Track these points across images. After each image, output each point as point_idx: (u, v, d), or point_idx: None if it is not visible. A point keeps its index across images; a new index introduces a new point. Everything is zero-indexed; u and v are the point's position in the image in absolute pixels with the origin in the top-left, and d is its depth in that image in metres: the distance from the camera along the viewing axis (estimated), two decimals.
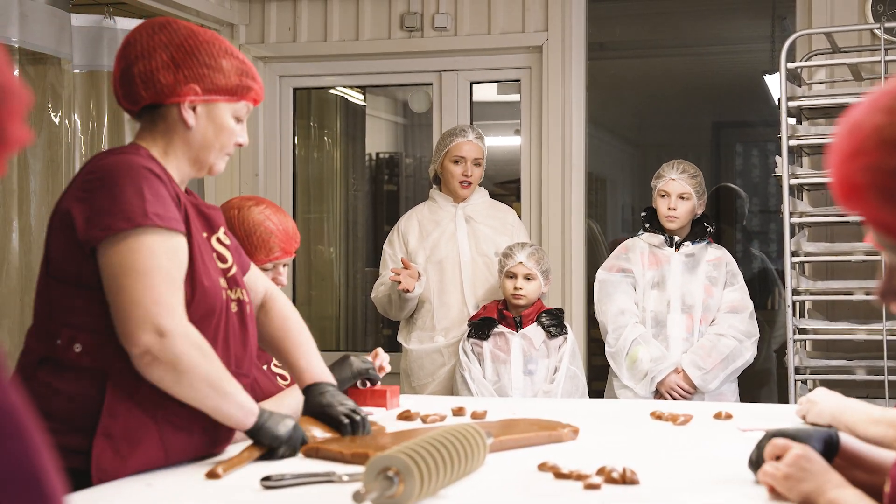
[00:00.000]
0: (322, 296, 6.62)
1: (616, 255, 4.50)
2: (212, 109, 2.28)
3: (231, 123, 2.31)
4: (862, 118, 1.27)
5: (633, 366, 4.30)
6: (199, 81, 2.25)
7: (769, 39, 7.12)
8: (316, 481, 2.10)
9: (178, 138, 2.29)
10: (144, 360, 2.09)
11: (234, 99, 2.29)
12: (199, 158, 2.32)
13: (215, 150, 2.31)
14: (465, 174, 4.55)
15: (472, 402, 3.30)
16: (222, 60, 2.26)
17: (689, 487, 2.08)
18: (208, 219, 2.37)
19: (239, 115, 2.32)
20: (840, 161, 1.29)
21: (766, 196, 9.04)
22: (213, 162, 2.34)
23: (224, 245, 2.39)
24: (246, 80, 2.29)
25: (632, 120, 8.95)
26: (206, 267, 2.25)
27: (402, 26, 5.48)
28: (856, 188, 1.27)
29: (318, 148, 6.56)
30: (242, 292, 2.38)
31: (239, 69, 2.28)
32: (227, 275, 2.35)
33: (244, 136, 2.37)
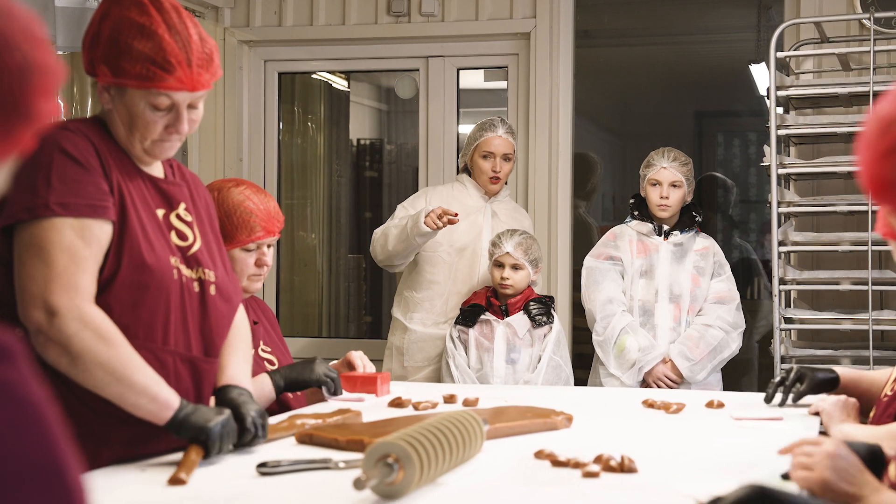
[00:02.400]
0: (305, 282, 6.59)
1: (604, 242, 4.49)
2: (123, 94, 2.17)
3: (144, 111, 2.15)
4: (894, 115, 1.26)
5: (621, 355, 4.29)
6: (107, 63, 2.15)
7: (755, 29, 7.13)
8: (312, 468, 2.09)
9: (109, 116, 2.23)
10: (38, 340, 2.02)
11: (141, 86, 2.13)
12: (127, 141, 2.21)
13: (137, 137, 2.19)
14: (495, 170, 4.48)
15: (463, 390, 3.29)
16: (135, 43, 2.11)
17: (686, 475, 2.08)
18: (166, 195, 2.29)
19: (156, 102, 2.14)
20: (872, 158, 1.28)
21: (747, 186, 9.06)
22: (144, 147, 2.21)
23: (185, 222, 2.31)
24: (154, 68, 2.11)
25: (615, 108, 8.95)
26: (150, 244, 2.17)
27: (388, 11, 5.45)
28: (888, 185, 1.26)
29: (302, 133, 6.52)
30: (206, 272, 2.29)
31: (150, 56, 2.11)
32: (186, 253, 2.27)
33: (179, 125, 2.19)
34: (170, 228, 2.26)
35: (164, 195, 2.28)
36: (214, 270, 2.32)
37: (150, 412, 2.10)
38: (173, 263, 2.20)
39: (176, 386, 2.18)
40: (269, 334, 3.14)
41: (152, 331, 2.17)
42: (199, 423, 2.10)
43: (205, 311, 2.28)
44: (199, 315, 2.27)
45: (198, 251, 2.30)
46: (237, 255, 2.93)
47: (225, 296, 2.34)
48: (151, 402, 2.09)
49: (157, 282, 2.15)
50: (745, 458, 2.24)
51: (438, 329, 4.44)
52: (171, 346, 2.20)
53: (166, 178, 2.32)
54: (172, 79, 2.13)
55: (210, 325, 2.29)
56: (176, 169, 2.39)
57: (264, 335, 3.11)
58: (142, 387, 2.07)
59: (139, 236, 2.15)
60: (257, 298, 3.23)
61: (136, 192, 2.20)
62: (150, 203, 2.23)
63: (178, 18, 2.17)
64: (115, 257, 2.12)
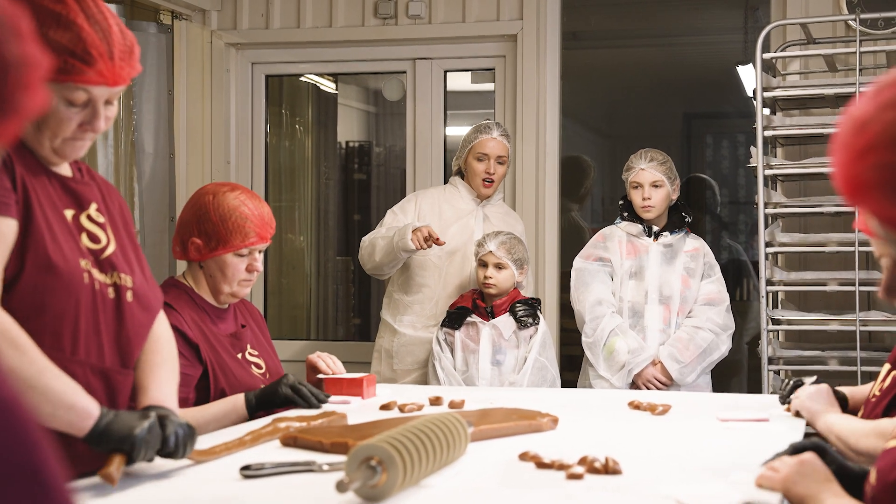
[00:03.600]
0: (293, 284, 6.58)
1: (593, 243, 4.48)
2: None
3: (58, 107, 1.97)
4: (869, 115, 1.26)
5: (611, 357, 4.29)
6: None
7: (742, 30, 7.14)
8: (296, 470, 2.08)
9: None
10: None
11: (57, 79, 1.94)
12: (35, 140, 2.04)
13: (47, 135, 2.02)
14: (489, 172, 4.47)
15: (449, 392, 3.28)
16: (49, 32, 1.92)
17: (670, 477, 2.08)
18: (76, 194, 2.13)
19: (72, 98, 1.98)
20: (848, 159, 1.28)
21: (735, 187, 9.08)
22: (53, 146, 2.04)
23: (97, 223, 2.15)
24: (72, 60, 1.94)
25: (603, 110, 8.96)
26: (57, 244, 2.01)
27: (375, 13, 5.44)
28: (865, 185, 1.26)
29: (290, 136, 6.51)
30: (122, 276, 2.14)
31: (66, 47, 1.93)
32: (99, 256, 2.12)
33: (96, 122, 2.02)
34: (80, 230, 2.10)
35: (73, 195, 2.12)
36: (132, 275, 2.17)
37: (68, 423, 1.92)
38: (83, 266, 2.05)
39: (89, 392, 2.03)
40: (256, 337, 3.14)
41: (59, 339, 2.02)
42: (123, 432, 1.94)
43: (121, 318, 2.13)
44: (115, 323, 2.11)
45: (112, 254, 2.15)
46: (229, 260, 2.92)
47: (143, 303, 2.20)
48: (69, 411, 1.91)
49: (65, 285, 2.00)
50: (731, 459, 2.24)
51: (428, 332, 4.42)
52: (82, 357, 2.05)
53: (74, 178, 2.15)
54: (93, 72, 1.96)
55: (127, 334, 2.14)
56: (85, 171, 2.22)
57: (252, 338, 3.10)
58: (58, 395, 1.89)
59: (45, 235, 1.99)
60: (245, 301, 3.22)
61: (41, 191, 2.04)
62: (57, 203, 2.07)
63: (96, 8, 2.00)
64: (17, 257, 1.96)
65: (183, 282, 2.99)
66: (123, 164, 5.15)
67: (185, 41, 5.52)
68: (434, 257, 4.46)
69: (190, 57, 5.55)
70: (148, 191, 5.32)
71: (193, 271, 2.99)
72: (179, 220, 3.01)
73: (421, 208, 4.50)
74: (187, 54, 5.54)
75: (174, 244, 3.00)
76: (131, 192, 5.20)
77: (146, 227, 5.28)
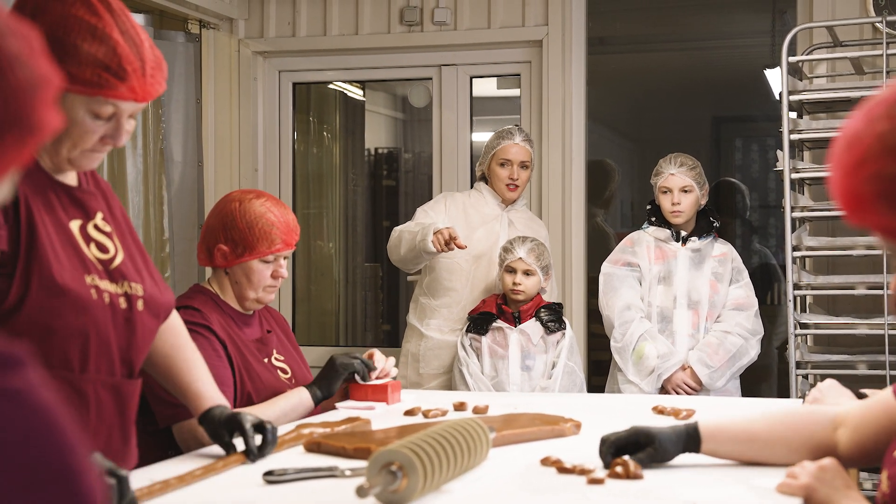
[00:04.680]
0: (321, 291, 6.61)
1: (621, 248, 4.48)
2: (61, 98, 1.92)
3: (83, 118, 1.96)
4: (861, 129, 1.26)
5: (640, 362, 4.28)
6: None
7: (769, 34, 7.11)
8: (318, 476, 2.10)
9: None
10: None
11: (86, 92, 1.93)
12: (52, 149, 2.02)
13: (66, 146, 2.00)
14: (512, 177, 4.48)
15: (473, 397, 3.29)
16: (83, 45, 1.91)
17: (692, 482, 2.07)
18: (82, 204, 2.10)
19: (99, 111, 1.96)
20: (843, 174, 1.28)
21: (765, 191, 9.04)
22: (69, 157, 2.02)
23: (104, 233, 2.13)
24: (106, 75, 1.93)
25: (631, 115, 8.94)
26: (61, 264, 1.98)
27: (401, 21, 5.47)
28: (863, 199, 1.26)
29: (318, 143, 6.54)
30: (132, 285, 2.12)
31: (102, 61, 1.92)
32: (108, 266, 2.09)
33: (118, 136, 2.01)
34: (88, 240, 2.08)
35: (79, 205, 2.10)
36: (142, 283, 2.16)
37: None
38: (89, 282, 2.02)
39: (97, 415, 2.05)
40: (282, 343, 3.15)
41: (68, 358, 1.99)
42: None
43: (131, 328, 2.11)
44: (125, 334, 2.10)
45: (121, 263, 2.13)
46: (255, 267, 2.95)
47: (153, 311, 2.18)
48: None
49: (72, 305, 1.97)
50: (752, 465, 2.23)
51: (455, 336, 4.43)
52: (92, 373, 2.03)
53: (80, 187, 2.13)
54: (124, 87, 1.95)
55: (136, 344, 2.13)
56: (89, 177, 2.18)
57: (277, 344, 3.12)
58: None
59: (50, 257, 1.96)
60: (270, 308, 3.24)
61: (45, 206, 2.01)
62: (62, 216, 2.05)
63: (129, 22, 1.99)
64: (22, 281, 1.93)
65: (208, 288, 3.02)
66: (152, 173, 5.20)
67: (212, 50, 5.57)
68: (462, 261, 4.47)
69: (218, 65, 5.59)
70: (177, 199, 5.37)
71: (219, 277, 3.01)
72: (205, 226, 3.03)
73: (449, 210, 4.52)
74: (215, 63, 5.58)
75: (199, 251, 3.03)
76: (160, 199, 5.25)
77: (175, 234, 5.33)
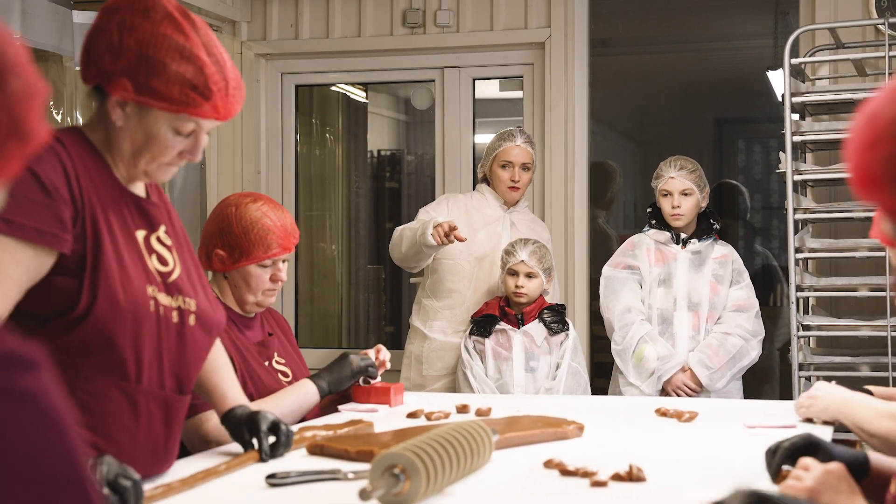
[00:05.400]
0: (324, 293, 6.62)
1: (622, 251, 4.48)
2: (144, 113, 2.01)
3: (165, 134, 2.02)
4: (881, 107, 1.25)
5: (640, 364, 4.28)
6: (133, 78, 1.98)
7: (772, 35, 7.11)
8: (321, 479, 2.10)
9: (113, 131, 2.05)
10: None
11: (171, 110, 1.99)
12: (130, 161, 2.07)
13: (145, 159, 2.05)
14: (513, 179, 4.49)
15: (476, 400, 3.29)
16: (172, 64, 1.97)
17: (695, 485, 2.08)
18: (148, 216, 2.15)
19: (182, 128, 2.02)
20: (858, 150, 1.27)
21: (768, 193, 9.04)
22: (147, 169, 2.07)
23: (165, 245, 2.17)
24: (193, 94, 1.98)
25: (634, 116, 8.94)
26: (126, 275, 2.02)
27: (404, 23, 5.47)
28: (874, 178, 1.25)
29: (320, 145, 6.55)
30: (187, 300, 2.15)
31: (189, 81, 1.98)
32: (167, 279, 2.12)
33: (196, 151, 2.07)
34: (150, 252, 2.12)
35: (145, 216, 2.14)
36: (196, 298, 2.18)
37: None
38: (150, 293, 2.05)
39: (147, 426, 2.08)
40: (283, 346, 3.16)
41: (125, 369, 2.03)
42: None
43: (182, 343, 2.13)
44: (177, 348, 2.12)
45: (178, 278, 2.16)
46: (253, 271, 2.95)
47: (206, 326, 2.20)
48: None
49: (132, 315, 2.00)
50: (757, 467, 2.23)
51: (458, 337, 4.43)
52: (145, 385, 2.06)
53: (148, 198, 2.18)
54: (209, 106, 2.01)
55: (187, 359, 2.16)
56: (154, 189, 2.24)
57: (279, 346, 3.12)
58: None
59: (114, 268, 2.00)
60: (272, 310, 3.24)
61: (115, 216, 2.05)
62: (130, 226, 2.09)
63: (213, 41, 2.05)
64: (89, 291, 1.97)
65: None
66: None
67: None
68: (464, 262, 4.47)
69: None
70: (179, 201, 5.37)
71: (218, 281, 3.01)
72: (204, 231, 3.03)
73: (452, 211, 4.52)
74: None
75: (199, 255, 3.03)
76: None
77: None
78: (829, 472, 1.84)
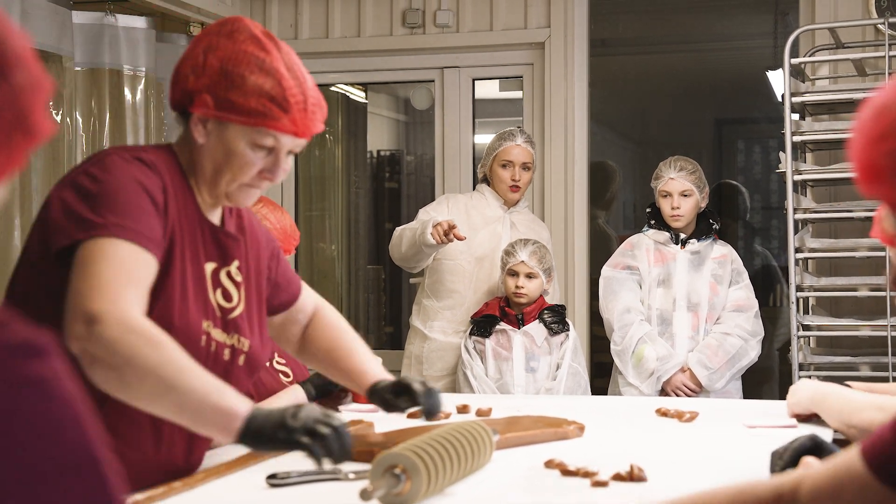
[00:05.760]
0: (324, 293, 6.48)
1: (621, 251, 4.48)
2: (223, 129, 2.00)
3: (244, 150, 2.00)
4: (888, 102, 1.25)
5: (639, 364, 4.29)
6: (213, 94, 1.98)
7: (772, 35, 7.11)
8: (322, 479, 2.09)
9: (196, 152, 2.05)
10: (85, 360, 1.75)
11: (249, 122, 1.98)
12: (211, 181, 2.06)
13: (226, 178, 2.03)
14: (514, 178, 4.49)
15: (476, 400, 3.28)
16: (251, 77, 1.97)
17: (696, 484, 2.07)
18: (223, 248, 2.12)
19: (260, 142, 2.00)
20: (864, 144, 1.27)
21: (768, 193, 9.04)
22: (228, 191, 2.05)
23: (234, 282, 2.13)
24: (270, 105, 1.96)
25: (634, 117, 8.94)
26: (185, 303, 1.98)
27: (403, 23, 5.47)
28: (879, 171, 1.25)
29: (320, 145, 6.54)
30: (242, 340, 2.11)
31: (268, 92, 1.96)
32: (227, 315, 2.09)
33: (276, 171, 2.04)
34: (217, 286, 2.08)
35: (220, 248, 2.11)
36: (251, 339, 2.14)
37: (215, 425, 1.79)
38: (205, 328, 2.02)
39: (167, 452, 2.04)
40: None
41: None
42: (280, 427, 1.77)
43: (226, 381, 1.95)
44: None
45: (238, 316, 2.12)
46: None
47: (252, 367, 2.16)
48: (214, 413, 1.77)
49: (182, 345, 1.87)
50: (758, 467, 2.22)
51: (458, 338, 4.43)
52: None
53: (224, 227, 2.14)
54: (287, 119, 1.98)
55: None
56: (235, 216, 2.20)
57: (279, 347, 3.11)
58: (200, 395, 1.76)
59: (176, 293, 1.97)
60: None
61: (189, 241, 2.04)
62: (201, 255, 2.06)
63: (294, 60, 2.04)
64: (151, 310, 1.91)
65: None
66: None
67: None
68: (464, 262, 4.47)
69: None
70: None
71: None
72: None
73: (452, 211, 4.52)
74: None
75: None
76: None
77: None
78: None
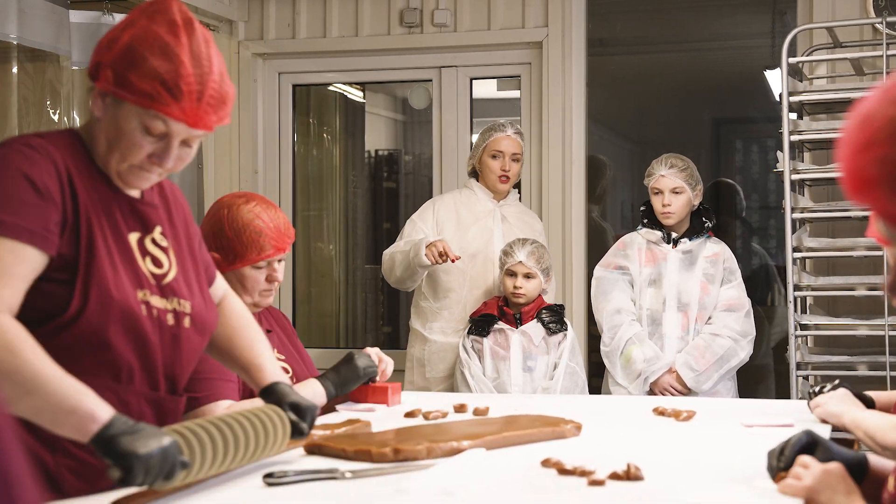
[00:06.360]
0: (322, 293, 6.61)
1: (614, 251, 4.48)
2: (119, 106, 2.00)
3: (133, 131, 1.99)
4: (874, 110, 1.25)
5: (627, 365, 4.28)
6: (115, 70, 1.98)
7: (769, 35, 7.10)
8: (319, 478, 2.09)
9: (94, 125, 2.06)
10: None
11: (139, 103, 1.97)
12: (104, 158, 2.05)
13: (115, 156, 2.03)
14: (504, 169, 4.51)
15: (474, 399, 3.29)
16: (151, 59, 1.96)
17: (693, 484, 2.07)
18: (142, 217, 2.14)
19: (150, 125, 1.99)
20: (851, 153, 1.27)
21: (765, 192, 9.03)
22: (119, 170, 2.05)
23: (160, 247, 2.16)
24: (161, 90, 1.96)
25: (631, 116, 8.93)
26: (118, 279, 2.01)
27: (401, 22, 5.47)
28: (867, 180, 1.25)
29: (318, 145, 6.54)
30: (182, 302, 2.15)
31: (161, 76, 1.96)
32: (161, 281, 2.12)
33: (165, 157, 2.03)
34: (144, 254, 2.11)
35: (139, 218, 2.13)
36: (191, 300, 2.18)
37: (71, 427, 1.80)
38: (141, 297, 2.05)
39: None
40: (282, 342, 3.14)
41: (118, 371, 2.03)
42: (127, 448, 1.77)
43: (177, 345, 2.13)
44: (171, 350, 2.12)
45: (173, 280, 2.15)
46: (248, 273, 2.92)
47: (200, 328, 2.20)
48: (70, 415, 1.79)
49: (123, 318, 2.00)
50: (754, 466, 2.22)
51: (458, 337, 4.42)
52: (137, 387, 2.07)
53: (143, 199, 2.16)
54: (176, 107, 1.97)
55: (180, 361, 2.16)
56: (155, 187, 2.22)
57: (277, 343, 3.11)
58: (57, 399, 1.78)
59: (107, 268, 2.00)
60: (272, 308, 3.23)
61: (107, 218, 2.05)
62: (122, 228, 2.08)
63: (205, 50, 2.03)
64: (81, 294, 1.96)
65: None
66: None
67: None
68: (457, 261, 4.47)
69: None
70: None
71: None
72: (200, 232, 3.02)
73: (439, 214, 4.52)
74: None
75: None
76: None
77: None
78: (828, 471, 1.84)
